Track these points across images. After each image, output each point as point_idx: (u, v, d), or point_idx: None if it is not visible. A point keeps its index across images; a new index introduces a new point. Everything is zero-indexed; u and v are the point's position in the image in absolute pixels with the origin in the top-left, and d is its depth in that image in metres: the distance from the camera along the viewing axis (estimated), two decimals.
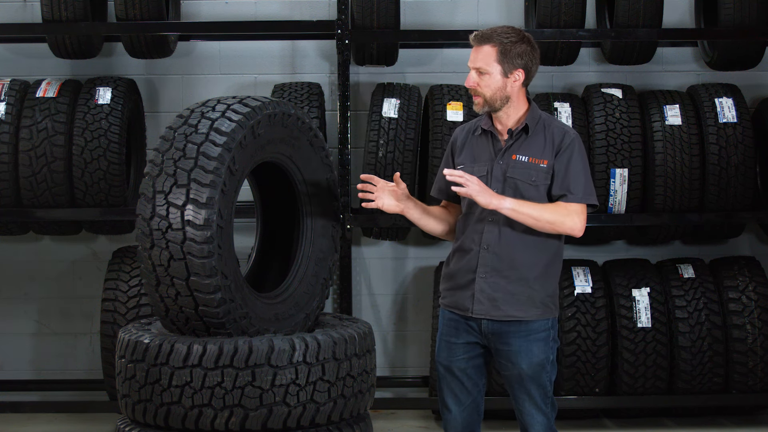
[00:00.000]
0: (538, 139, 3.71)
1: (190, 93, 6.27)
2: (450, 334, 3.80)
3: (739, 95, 5.74)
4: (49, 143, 5.52)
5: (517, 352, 3.68)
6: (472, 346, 3.77)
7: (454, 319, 3.78)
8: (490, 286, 3.68)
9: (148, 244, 3.68)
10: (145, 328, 3.98)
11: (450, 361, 3.80)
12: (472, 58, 3.73)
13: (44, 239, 6.28)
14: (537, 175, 3.68)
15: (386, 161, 5.49)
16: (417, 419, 5.92)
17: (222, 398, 3.61)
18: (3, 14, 6.24)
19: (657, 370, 5.50)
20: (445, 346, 3.81)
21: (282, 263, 4.29)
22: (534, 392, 3.71)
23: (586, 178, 3.69)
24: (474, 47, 3.73)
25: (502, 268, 3.68)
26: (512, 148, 3.72)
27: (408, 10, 6.22)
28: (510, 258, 3.68)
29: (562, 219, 3.63)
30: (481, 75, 3.71)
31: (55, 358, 6.31)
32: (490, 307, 3.68)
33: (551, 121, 3.77)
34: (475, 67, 3.72)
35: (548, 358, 3.71)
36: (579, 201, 3.66)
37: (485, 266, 3.69)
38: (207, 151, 3.67)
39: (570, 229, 3.64)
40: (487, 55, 3.69)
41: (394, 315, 6.36)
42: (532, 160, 3.68)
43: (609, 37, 5.79)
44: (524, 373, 3.69)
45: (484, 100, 3.71)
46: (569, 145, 3.69)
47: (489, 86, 3.69)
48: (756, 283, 5.61)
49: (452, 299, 3.79)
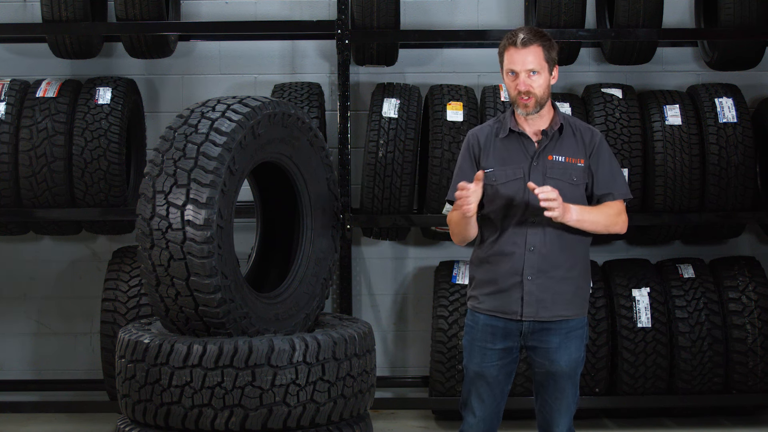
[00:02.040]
0: (569, 139, 3.77)
1: (190, 93, 6.26)
2: (485, 339, 3.78)
3: (739, 95, 5.74)
4: (49, 143, 5.52)
5: (556, 349, 3.72)
6: (507, 352, 3.78)
7: (493, 325, 3.76)
8: (538, 288, 3.70)
9: (148, 244, 3.68)
10: (145, 328, 3.98)
11: (482, 367, 3.79)
12: (521, 60, 3.70)
13: (44, 239, 6.28)
14: (576, 174, 3.73)
15: (386, 161, 5.49)
16: (417, 419, 5.92)
17: (222, 398, 3.61)
18: (3, 14, 6.24)
19: (657, 370, 5.50)
20: (479, 351, 3.79)
21: (282, 263, 4.29)
22: (569, 389, 3.77)
23: (621, 175, 3.82)
24: (518, 49, 3.70)
25: (548, 268, 3.71)
26: (547, 148, 3.75)
27: (408, 10, 6.22)
28: (555, 258, 3.71)
29: (615, 219, 3.75)
30: (532, 76, 3.71)
31: (55, 358, 6.31)
32: (538, 308, 3.71)
33: (575, 120, 3.85)
34: (527, 69, 3.70)
35: (582, 355, 3.78)
36: (622, 197, 3.78)
37: (532, 268, 3.70)
38: (207, 151, 3.67)
39: (621, 228, 3.78)
40: (537, 56, 3.71)
41: (394, 315, 6.36)
42: (569, 160, 3.74)
43: (609, 37, 5.79)
44: (562, 370, 3.73)
45: (535, 100, 3.72)
46: (599, 144, 3.79)
47: (541, 86, 3.72)
48: (756, 283, 5.60)
49: (494, 303, 3.76)
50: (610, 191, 3.75)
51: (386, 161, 5.50)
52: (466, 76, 6.17)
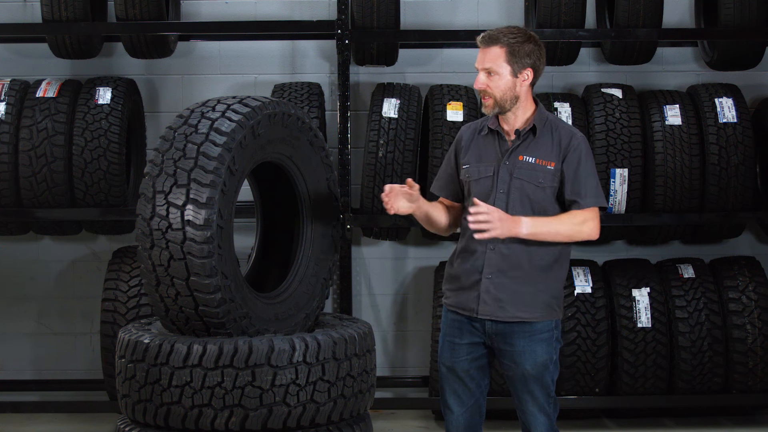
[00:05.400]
0: (545, 140, 3.71)
1: (190, 93, 6.26)
2: (453, 334, 3.79)
3: (739, 95, 5.74)
4: (49, 143, 5.53)
5: (521, 353, 3.68)
6: (475, 347, 3.77)
7: (458, 320, 3.78)
8: (496, 287, 3.68)
9: (148, 244, 3.68)
10: (145, 328, 3.98)
11: (453, 361, 3.79)
12: (480, 59, 3.70)
13: (44, 239, 6.28)
14: (544, 176, 3.67)
15: (386, 161, 5.49)
16: (417, 419, 5.92)
17: (222, 398, 3.61)
18: (3, 14, 6.24)
19: (657, 370, 5.50)
20: (448, 346, 3.81)
21: (282, 263, 4.29)
22: (537, 392, 3.71)
23: (595, 182, 3.71)
24: (481, 48, 3.70)
25: (508, 268, 3.68)
26: (519, 148, 3.72)
27: (408, 10, 6.22)
28: (515, 259, 3.67)
29: (579, 228, 3.65)
30: (490, 76, 3.68)
31: (55, 358, 6.31)
32: (495, 307, 3.68)
33: (558, 122, 3.77)
34: (484, 68, 3.69)
35: (551, 358, 3.71)
36: (591, 205, 3.67)
37: (491, 267, 3.68)
38: (207, 151, 3.67)
39: (588, 236, 3.68)
40: (497, 56, 3.66)
41: (394, 315, 6.36)
42: (539, 162, 3.68)
43: (609, 37, 5.79)
44: (528, 374, 3.69)
45: (494, 101, 3.69)
46: (576, 148, 3.69)
47: (499, 87, 3.67)
48: (756, 283, 5.61)
49: (456, 300, 3.78)
50: (576, 198, 3.66)
51: (386, 161, 5.50)
52: (466, 76, 6.16)
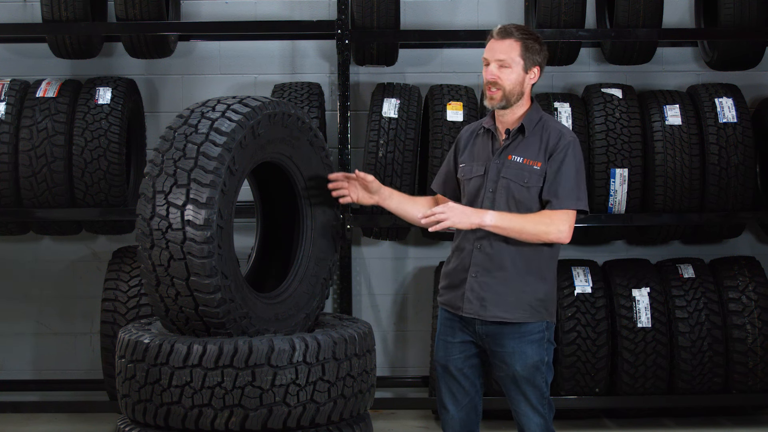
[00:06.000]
0: (534, 140, 3.70)
1: (190, 93, 6.27)
2: (446, 333, 3.81)
3: (739, 95, 5.74)
4: (49, 143, 5.53)
5: (510, 354, 3.68)
6: (467, 345, 3.77)
7: (450, 318, 3.79)
8: (480, 286, 3.69)
9: (148, 244, 3.68)
10: (145, 328, 3.98)
11: (447, 360, 3.80)
12: (493, 49, 3.68)
13: (44, 239, 6.28)
14: (530, 177, 3.66)
15: (386, 161, 5.49)
16: (417, 419, 5.92)
17: (222, 398, 3.61)
18: (3, 14, 6.24)
19: (657, 370, 5.50)
20: (442, 345, 3.82)
21: (282, 263, 4.29)
22: (529, 393, 3.70)
23: (576, 183, 3.64)
24: (494, 40, 3.69)
25: (492, 268, 3.68)
26: (509, 148, 3.72)
27: (408, 10, 6.22)
28: (500, 258, 3.67)
29: (546, 229, 3.60)
30: (502, 68, 3.67)
31: (55, 358, 6.31)
32: (478, 307, 3.69)
33: (550, 122, 3.74)
34: (497, 59, 3.66)
35: (543, 359, 3.70)
36: (564, 207, 3.62)
37: (477, 265, 3.69)
38: (207, 151, 3.67)
39: (556, 238, 3.62)
40: (511, 48, 3.66)
41: (394, 315, 6.36)
42: (526, 162, 3.67)
43: (609, 37, 5.79)
44: (518, 375, 3.68)
45: (503, 93, 3.67)
46: (563, 149, 3.65)
47: (510, 79, 3.66)
48: (756, 283, 5.61)
49: (447, 297, 3.81)
50: (551, 198, 3.63)
51: (386, 161, 5.50)
52: (466, 76, 6.17)
